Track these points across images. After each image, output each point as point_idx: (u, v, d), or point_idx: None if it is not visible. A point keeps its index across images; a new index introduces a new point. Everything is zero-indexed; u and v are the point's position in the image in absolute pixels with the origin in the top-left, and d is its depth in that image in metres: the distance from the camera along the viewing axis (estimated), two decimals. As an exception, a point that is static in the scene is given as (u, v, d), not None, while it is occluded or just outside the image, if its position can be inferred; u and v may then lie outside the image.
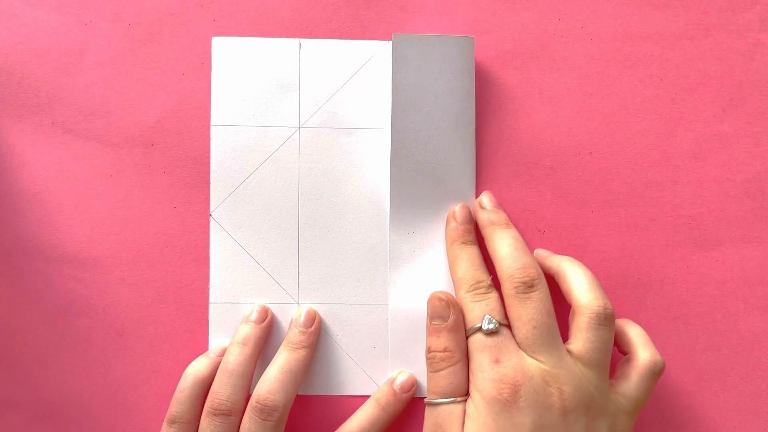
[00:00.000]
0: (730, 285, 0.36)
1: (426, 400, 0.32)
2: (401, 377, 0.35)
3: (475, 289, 0.32)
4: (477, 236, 0.35)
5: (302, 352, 0.33)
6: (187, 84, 0.36)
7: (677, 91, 0.36)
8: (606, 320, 0.30)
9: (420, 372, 0.35)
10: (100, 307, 0.36)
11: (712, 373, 0.36)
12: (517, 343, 0.31)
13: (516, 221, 0.36)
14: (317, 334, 0.35)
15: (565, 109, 0.36)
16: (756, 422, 0.36)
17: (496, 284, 0.33)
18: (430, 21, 0.36)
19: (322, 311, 0.36)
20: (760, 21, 0.36)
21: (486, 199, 0.35)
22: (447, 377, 0.31)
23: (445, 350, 0.31)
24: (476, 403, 0.30)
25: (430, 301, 0.33)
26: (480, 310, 0.31)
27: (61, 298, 0.36)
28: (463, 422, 0.30)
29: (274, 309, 0.35)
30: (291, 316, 0.35)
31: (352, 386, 0.36)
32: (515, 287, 0.31)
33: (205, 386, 0.33)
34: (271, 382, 0.32)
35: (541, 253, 0.35)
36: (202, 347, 0.36)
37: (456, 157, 0.36)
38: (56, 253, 0.36)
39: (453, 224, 0.35)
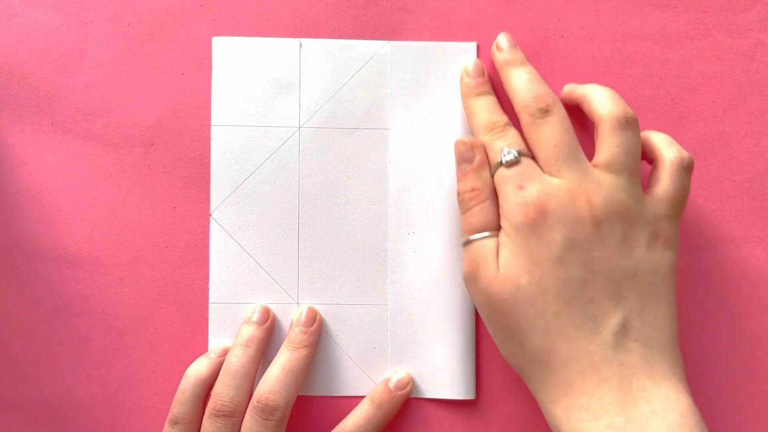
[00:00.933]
0: (731, 285, 0.36)
1: (461, 240, 0.32)
2: (396, 375, 0.35)
3: (492, 129, 0.32)
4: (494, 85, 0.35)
5: (303, 352, 0.33)
6: (187, 84, 0.36)
7: (677, 91, 0.36)
8: (628, 124, 0.30)
9: (419, 372, 0.35)
10: (100, 307, 0.36)
11: (712, 373, 0.36)
12: (541, 167, 0.30)
13: (516, 221, 0.36)
14: (318, 334, 0.35)
15: (565, 109, 0.36)
16: (756, 422, 0.36)
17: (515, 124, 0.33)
18: (430, 21, 0.36)
19: (322, 311, 0.36)
20: (760, 21, 0.36)
21: (503, 39, 0.34)
22: (477, 214, 0.31)
23: (473, 190, 0.31)
24: (507, 232, 0.30)
25: (456, 146, 0.32)
26: (499, 146, 0.31)
27: (61, 298, 0.36)
28: (498, 253, 0.30)
29: (274, 309, 0.35)
30: (291, 316, 0.35)
31: (352, 386, 0.36)
32: (531, 114, 0.31)
33: (206, 387, 0.33)
34: (273, 381, 0.32)
35: (568, 86, 0.35)
36: (202, 347, 0.36)
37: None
38: (56, 253, 0.36)
39: (466, 79, 0.34)
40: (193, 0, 0.36)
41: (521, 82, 0.32)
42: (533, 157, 0.31)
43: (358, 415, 0.34)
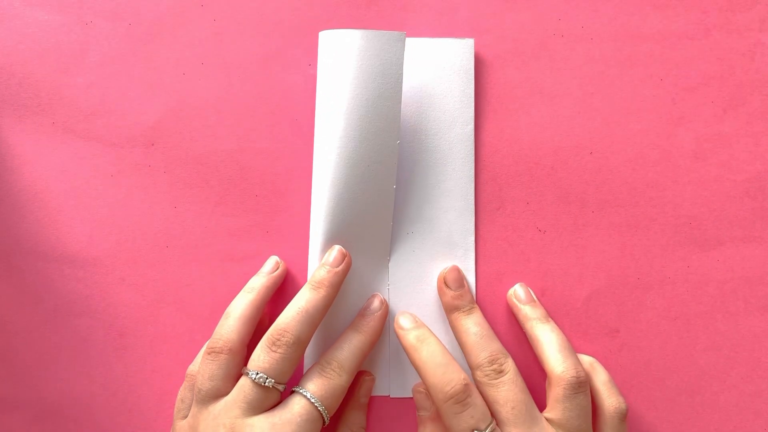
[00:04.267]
0: (731, 285, 0.36)
1: None
2: (372, 303, 0.35)
3: (452, 397, 0.31)
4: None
5: (322, 292, 0.33)
6: (187, 84, 0.36)
7: (677, 91, 0.36)
8: (580, 386, 0.32)
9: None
10: (100, 307, 0.36)
11: (712, 373, 0.36)
12: (497, 421, 0.32)
13: (516, 221, 0.36)
14: (343, 275, 0.34)
15: (566, 109, 0.36)
16: (756, 422, 0.36)
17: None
18: (430, 21, 0.36)
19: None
20: (760, 21, 0.36)
21: (450, 277, 0.35)
22: None
23: None
24: None
25: (414, 392, 0.35)
26: (466, 424, 0.31)
27: (61, 298, 0.36)
28: None
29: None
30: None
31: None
32: (486, 375, 0.32)
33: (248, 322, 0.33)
34: (287, 320, 0.32)
35: (514, 299, 0.35)
36: (201, 347, 0.36)
37: (455, 157, 0.36)
38: (56, 253, 0.36)
39: (411, 333, 0.34)
40: (193, 0, 0.36)
41: (472, 337, 0.33)
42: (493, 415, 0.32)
43: (343, 342, 0.33)
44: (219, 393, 0.31)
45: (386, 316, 0.35)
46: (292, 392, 0.31)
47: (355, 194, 0.35)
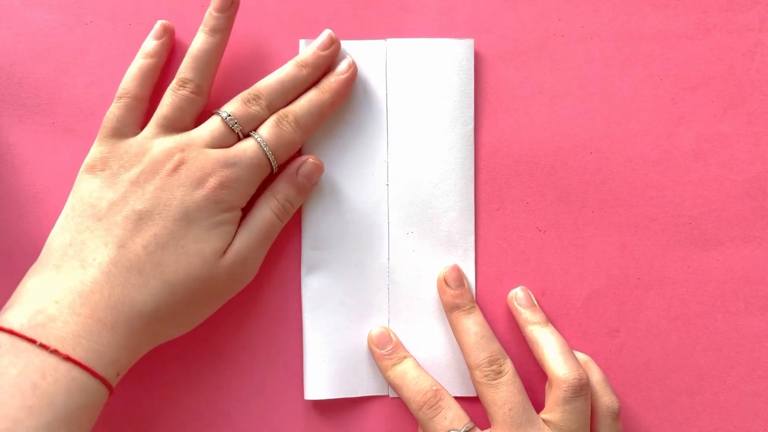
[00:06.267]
0: (731, 285, 0.36)
1: None
2: (342, 63, 0.35)
3: (424, 403, 0.33)
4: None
5: (304, 71, 0.34)
6: (188, 84, 0.36)
7: (677, 91, 0.36)
8: (582, 390, 0.32)
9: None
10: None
11: (712, 373, 0.36)
12: (494, 422, 0.32)
13: (516, 221, 0.36)
14: (330, 59, 0.35)
15: (566, 109, 0.36)
16: (756, 422, 0.36)
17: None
18: (430, 21, 0.36)
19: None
20: (760, 21, 0.36)
21: (451, 276, 0.35)
22: None
23: None
24: None
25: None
26: (441, 426, 0.32)
27: (61, 298, 0.36)
28: None
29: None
30: None
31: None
32: (485, 375, 0.32)
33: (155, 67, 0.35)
34: (265, 86, 0.34)
35: (514, 301, 0.35)
36: (202, 346, 0.36)
37: (454, 157, 0.36)
38: (56, 253, 0.36)
39: (382, 350, 0.35)
40: (193, 0, 0.36)
41: (472, 337, 0.33)
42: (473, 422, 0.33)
43: (303, 98, 0.34)
44: (181, 125, 0.33)
45: (353, 79, 0.35)
46: (247, 136, 0.33)
47: (347, 194, 0.35)
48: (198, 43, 0.33)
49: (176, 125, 0.33)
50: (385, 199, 0.36)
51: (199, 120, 0.34)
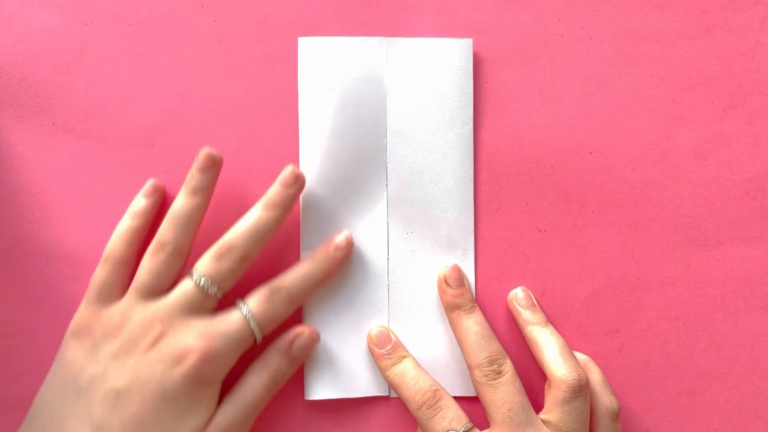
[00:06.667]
0: (731, 285, 0.36)
1: None
2: (338, 237, 0.34)
3: (423, 404, 0.33)
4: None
5: (273, 213, 0.33)
6: (188, 84, 0.36)
7: (677, 91, 0.36)
8: (581, 391, 0.32)
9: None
10: (100, 307, 0.36)
11: (712, 373, 0.36)
12: (493, 422, 0.32)
13: (516, 221, 0.36)
14: (296, 196, 0.34)
15: (566, 109, 0.36)
16: (756, 422, 0.36)
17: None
18: (430, 20, 0.36)
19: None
20: (760, 21, 0.36)
21: (451, 275, 0.35)
22: None
23: None
24: None
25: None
26: (440, 426, 0.32)
27: (61, 298, 0.36)
28: None
29: None
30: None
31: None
32: (485, 375, 0.32)
33: (141, 231, 0.34)
34: (236, 235, 0.32)
35: (514, 301, 0.35)
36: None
37: (454, 157, 0.36)
38: (56, 253, 0.36)
39: (382, 350, 0.35)
40: (193, 0, 0.36)
41: (473, 336, 0.33)
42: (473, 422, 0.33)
43: (297, 271, 0.34)
44: (159, 290, 0.32)
45: (348, 256, 0.35)
46: (236, 303, 0.32)
47: (345, 194, 0.35)
48: (179, 203, 0.33)
49: (155, 291, 0.32)
50: (385, 199, 0.36)
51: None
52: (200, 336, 0.31)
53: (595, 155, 0.36)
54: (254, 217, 0.33)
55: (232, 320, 0.32)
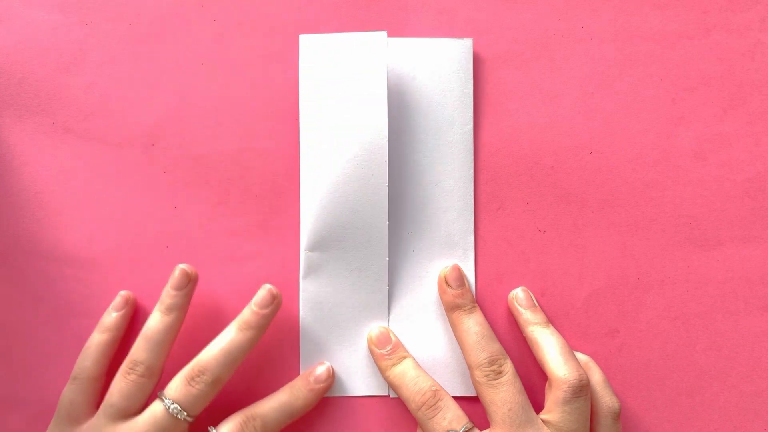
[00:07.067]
0: (731, 285, 0.36)
1: None
2: (318, 369, 0.35)
3: (423, 404, 0.33)
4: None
5: (248, 334, 0.33)
6: (187, 84, 0.36)
7: (677, 91, 0.36)
8: (582, 391, 0.32)
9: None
10: (100, 307, 0.36)
11: (712, 373, 0.36)
12: (494, 422, 0.32)
13: (516, 221, 0.36)
14: (271, 317, 0.34)
15: (566, 109, 0.36)
16: (756, 422, 0.36)
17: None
18: (430, 20, 0.36)
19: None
20: (760, 21, 0.36)
21: (451, 275, 0.35)
22: None
23: None
24: None
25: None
26: (440, 426, 0.32)
27: (61, 298, 0.36)
28: None
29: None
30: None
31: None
32: (486, 375, 0.32)
33: (110, 345, 0.34)
34: (208, 358, 0.32)
35: (514, 302, 0.35)
36: (201, 346, 0.36)
37: (454, 157, 0.36)
38: (56, 253, 0.36)
39: (382, 351, 0.35)
40: (193, 0, 0.36)
41: (473, 336, 0.33)
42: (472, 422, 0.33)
43: (274, 400, 0.34)
44: (129, 412, 0.32)
45: (329, 388, 0.35)
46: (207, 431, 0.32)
47: (346, 194, 0.35)
48: (153, 322, 0.33)
49: (125, 413, 0.32)
50: (385, 199, 0.36)
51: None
52: None
53: (595, 155, 0.36)
54: (228, 338, 0.33)
55: None
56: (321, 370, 0.35)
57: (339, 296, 0.36)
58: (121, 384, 0.32)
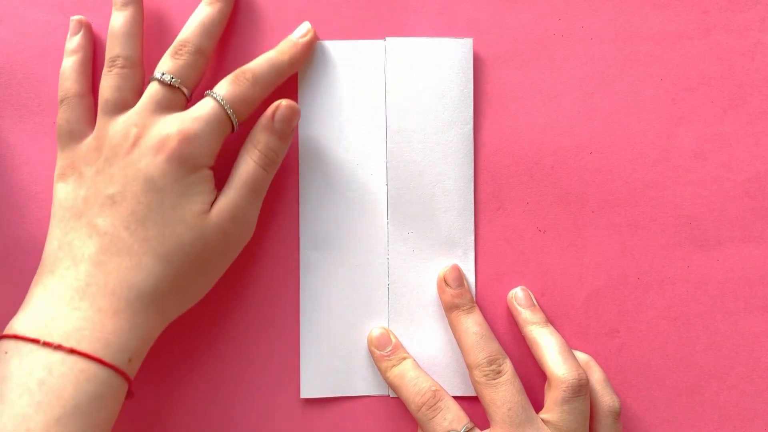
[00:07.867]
0: (731, 285, 0.36)
1: None
2: (299, 26, 0.35)
3: (423, 404, 0.33)
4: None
5: (216, 6, 0.34)
6: (188, 84, 0.36)
7: (677, 91, 0.36)
8: (581, 390, 0.32)
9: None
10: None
11: (712, 373, 0.36)
12: (493, 421, 0.32)
13: (516, 221, 0.36)
14: None
15: (566, 109, 0.36)
16: (756, 422, 0.36)
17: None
18: (430, 21, 0.36)
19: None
20: (760, 21, 0.36)
21: (451, 275, 0.35)
22: None
23: None
24: None
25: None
26: (440, 427, 0.32)
27: (61, 298, 0.36)
28: None
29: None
30: None
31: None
32: (485, 375, 0.32)
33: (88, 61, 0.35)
34: (187, 33, 0.33)
35: (513, 301, 0.35)
36: (198, 344, 0.36)
37: (454, 157, 0.36)
38: (56, 252, 0.36)
39: (382, 352, 0.35)
40: (193, 1, 0.36)
41: (472, 337, 0.33)
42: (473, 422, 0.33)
43: (261, 58, 0.34)
44: (126, 103, 0.32)
45: (313, 43, 0.35)
46: (204, 96, 0.32)
47: (346, 194, 0.35)
48: (114, 21, 0.33)
49: (120, 105, 0.32)
50: (384, 199, 0.36)
51: None
52: (176, 122, 0.31)
53: (595, 155, 0.36)
54: (201, 13, 0.34)
55: (204, 105, 0.32)
56: (302, 26, 0.35)
57: (339, 295, 0.36)
58: (107, 81, 0.33)
